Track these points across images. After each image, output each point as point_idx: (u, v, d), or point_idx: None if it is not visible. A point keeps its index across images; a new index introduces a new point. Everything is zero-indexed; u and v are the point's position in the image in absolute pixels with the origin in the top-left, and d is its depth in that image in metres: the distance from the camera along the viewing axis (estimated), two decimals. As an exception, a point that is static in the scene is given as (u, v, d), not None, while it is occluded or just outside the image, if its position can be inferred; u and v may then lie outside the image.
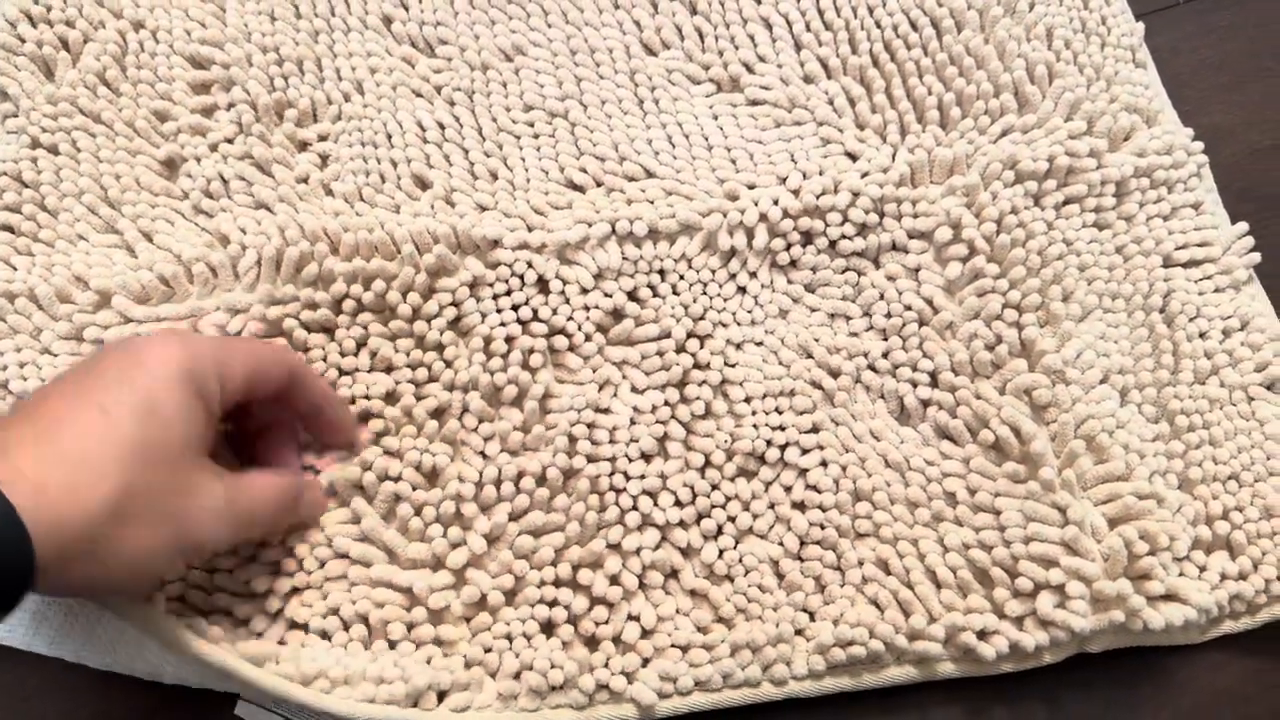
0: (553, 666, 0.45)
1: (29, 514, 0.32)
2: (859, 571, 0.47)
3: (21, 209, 0.53)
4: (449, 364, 0.50)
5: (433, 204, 0.53)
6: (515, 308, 0.51)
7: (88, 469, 0.34)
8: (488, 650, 0.45)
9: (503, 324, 0.50)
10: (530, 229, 0.52)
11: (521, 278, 0.51)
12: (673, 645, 0.46)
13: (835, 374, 0.50)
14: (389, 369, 0.50)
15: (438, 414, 0.49)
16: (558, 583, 0.46)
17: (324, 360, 0.50)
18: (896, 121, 0.56)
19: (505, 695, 0.45)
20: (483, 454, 0.49)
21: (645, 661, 0.45)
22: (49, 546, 0.33)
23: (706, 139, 0.56)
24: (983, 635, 0.45)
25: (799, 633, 0.46)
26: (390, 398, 0.49)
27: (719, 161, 0.55)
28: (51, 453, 0.34)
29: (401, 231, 0.51)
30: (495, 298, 0.51)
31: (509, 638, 0.45)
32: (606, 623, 0.45)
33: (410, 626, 0.46)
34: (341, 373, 0.50)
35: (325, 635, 0.45)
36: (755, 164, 0.55)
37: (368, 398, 0.49)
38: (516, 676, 0.45)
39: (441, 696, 0.45)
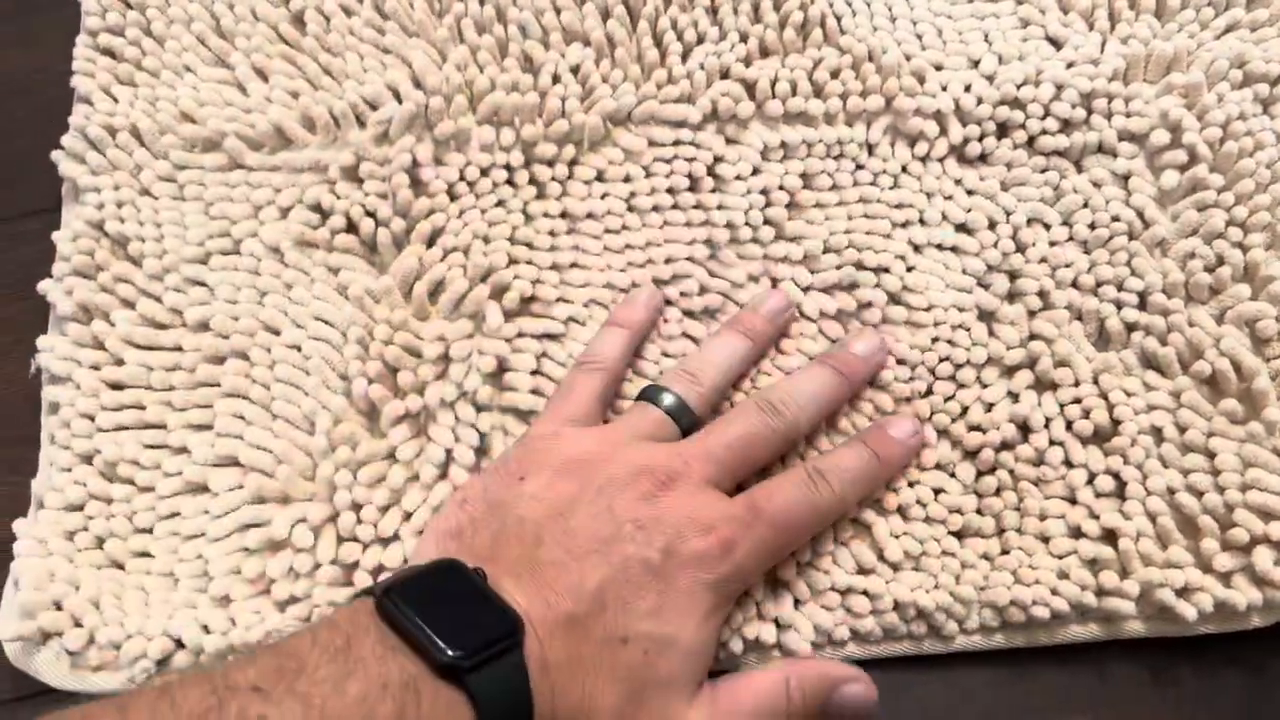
0: None
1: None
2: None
3: (125, 32, 0.47)
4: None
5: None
6: (671, 191, 0.45)
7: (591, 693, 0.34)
8: None
9: (655, 209, 0.45)
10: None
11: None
12: (831, 589, 0.40)
13: (1029, 287, 0.45)
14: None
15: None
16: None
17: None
18: (1105, 6, 0.49)
19: None
20: None
21: (797, 603, 0.40)
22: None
23: (889, 8, 0.50)
24: (1183, 592, 0.40)
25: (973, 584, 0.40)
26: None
27: (903, 35, 0.49)
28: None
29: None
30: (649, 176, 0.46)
31: None
32: None
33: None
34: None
35: None
36: (944, 41, 0.49)
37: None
38: None
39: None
